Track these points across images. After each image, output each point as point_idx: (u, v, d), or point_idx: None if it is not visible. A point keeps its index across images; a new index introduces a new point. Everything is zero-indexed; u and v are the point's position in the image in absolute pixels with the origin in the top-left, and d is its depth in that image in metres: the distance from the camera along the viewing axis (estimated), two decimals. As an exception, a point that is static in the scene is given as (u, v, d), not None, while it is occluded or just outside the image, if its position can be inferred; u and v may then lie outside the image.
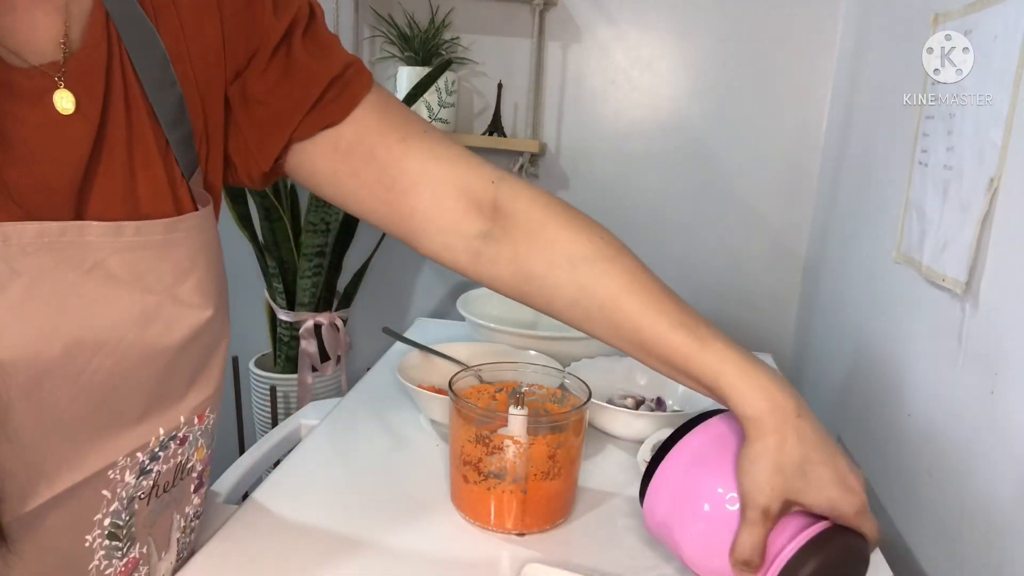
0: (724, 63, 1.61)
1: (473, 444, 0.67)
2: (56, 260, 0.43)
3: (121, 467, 0.48)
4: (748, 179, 1.66)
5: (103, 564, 0.50)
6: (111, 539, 0.49)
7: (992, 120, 0.81)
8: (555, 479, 0.68)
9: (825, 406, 1.39)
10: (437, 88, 1.58)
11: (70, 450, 0.45)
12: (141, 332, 0.47)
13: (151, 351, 0.48)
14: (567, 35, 1.65)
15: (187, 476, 0.56)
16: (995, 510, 0.75)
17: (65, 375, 0.44)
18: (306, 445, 0.88)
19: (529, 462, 0.66)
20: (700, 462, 0.59)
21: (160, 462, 0.51)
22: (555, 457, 0.68)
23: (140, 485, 0.50)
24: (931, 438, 0.91)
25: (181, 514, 0.58)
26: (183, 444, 0.53)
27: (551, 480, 0.68)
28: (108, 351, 0.46)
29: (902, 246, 1.04)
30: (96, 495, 0.47)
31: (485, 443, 0.67)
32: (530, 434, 0.66)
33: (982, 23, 0.86)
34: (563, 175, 1.71)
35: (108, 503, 0.48)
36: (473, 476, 0.68)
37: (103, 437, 0.47)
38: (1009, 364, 0.75)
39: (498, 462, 0.67)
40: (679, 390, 1.02)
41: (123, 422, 0.48)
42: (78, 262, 0.44)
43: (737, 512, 0.55)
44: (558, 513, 0.71)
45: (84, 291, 0.45)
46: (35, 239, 0.43)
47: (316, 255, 1.58)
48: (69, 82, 0.45)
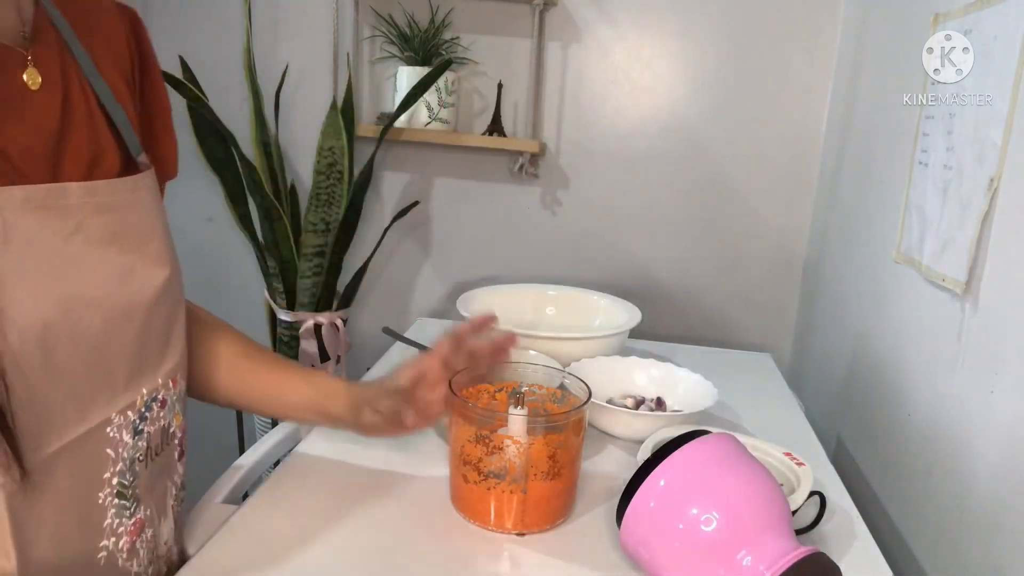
0: (724, 63, 1.61)
1: (473, 444, 0.67)
2: (41, 224, 0.48)
3: (117, 425, 0.54)
4: (748, 179, 1.65)
5: (115, 522, 0.55)
6: (119, 498, 0.55)
7: (992, 120, 0.81)
8: (555, 479, 0.68)
9: (825, 406, 1.39)
10: (437, 88, 1.58)
11: (72, 403, 0.50)
12: (122, 290, 0.54)
13: (131, 308, 0.55)
14: (567, 35, 1.65)
15: (171, 442, 0.62)
16: (995, 510, 0.75)
17: (63, 330, 0.49)
18: (306, 445, 0.88)
19: (529, 462, 0.66)
20: (675, 485, 0.59)
21: (148, 423, 0.58)
22: (555, 457, 0.68)
23: (137, 446, 0.56)
24: (931, 438, 0.91)
25: (171, 482, 0.63)
26: (163, 407, 0.60)
27: (551, 480, 0.68)
28: (95, 308, 0.51)
29: (902, 246, 1.04)
30: (101, 452, 0.53)
31: (485, 443, 0.67)
32: (530, 434, 0.66)
33: (982, 23, 0.86)
34: (563, 175, 1.71)
35: (114, 463, 0.54)
36: (473, 476, 0.68)
37: (99, 392, 0.53)
38: (1009, 364, 0.75)
39: (498, 462, 0.67)
40: (679, 390, 1.02)
41: (113, 379, 0.54)
42: (60, 226, 0.50)
43: (711, 532, 0.56)
44: (558, 513, 0.71)
45: (69, 253, 0.50)
46: (23, 203, 0.47)
47: (316, 255, 1.58)
48: (35, 62, 0.52)
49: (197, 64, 1.56)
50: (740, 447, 0.64)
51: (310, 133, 1.65)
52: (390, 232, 1.68)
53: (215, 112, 1.45)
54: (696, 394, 0.99)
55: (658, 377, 1.06)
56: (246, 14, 1.49)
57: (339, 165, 1.55)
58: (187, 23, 1.73)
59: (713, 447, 0.62)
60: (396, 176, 1.77)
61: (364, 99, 1.73)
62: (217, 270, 1.85)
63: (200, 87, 1.49)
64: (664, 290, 1.70)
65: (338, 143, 1.53)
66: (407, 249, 1.81)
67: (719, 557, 0.56)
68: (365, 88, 1.73)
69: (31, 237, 0.47)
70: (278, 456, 0.93)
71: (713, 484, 0.58)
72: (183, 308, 0.63)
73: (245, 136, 1.55)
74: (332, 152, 1.54)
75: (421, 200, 1.75)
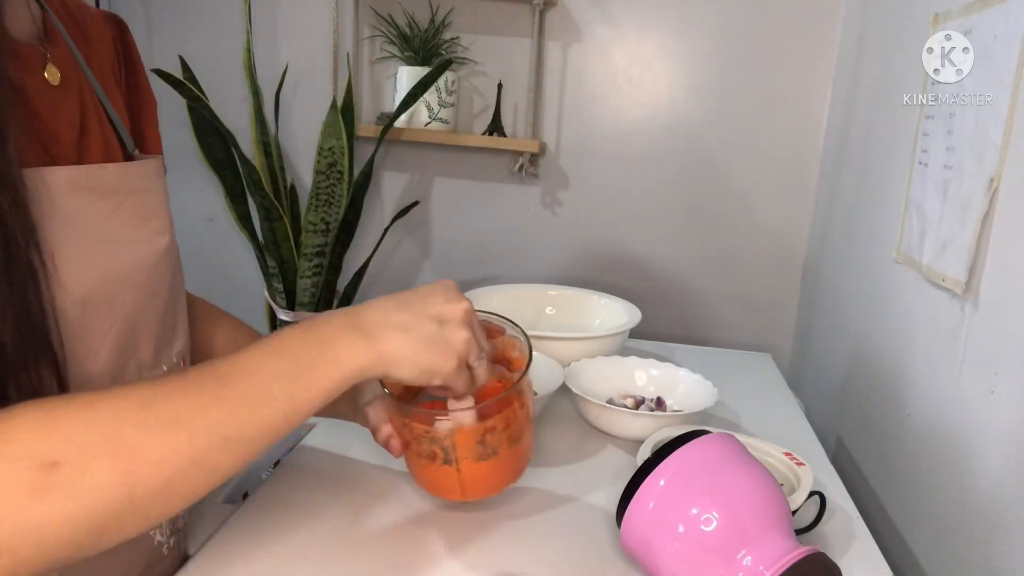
0: (724, 63, 1.61)
1: (403, 428, 0.66)
2: (84, 203, 0.51)
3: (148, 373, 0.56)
4: (748, 179, 1.66)
5: None
6: None
7: (992, 120, 0.81)
8: (489, 459, 0.65)
9: (825, 406, 1.39)
10: (437, 88, 1.58)
11: (106, 376, 0.52)
12: (153, 269, 0.56)
13: (158, 287, 0.57)
14: (567, 35, 1.65)
15: None
16: (995, 510, 0.75)
17: (101, 305, 0.51)
18: (306, 445, 0.88)
19: (455, 447, 0.64)
20: (675, 485, 0.59)
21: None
22: (485, 441, 0.64)
23: None
24: (931, 438, 0.91)
25: None
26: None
27: (485, 461, 0.65)
28: (130, 285, 0.54)
29: (902, 246, 1.04)
30: None
31: (410, 429, 0.65)
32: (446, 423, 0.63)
33: (982, 23, 0.86)
34: (563, 175, 1.71)
35: None
36: (414, 450, 0.67)
37: (129, 365, 0.54)
38: (1009, 364, 0.75)
39: (427, 446, 0.65)
40: (679, 390, 1.02)
41: (141, 354, 0.56)
42: (101, 206, 0.52)
43: (711, 532, 0.56)
44: (502, 483, 0.69)
45: (107, 231, 0.52)
46: (67, 183, 0.49)
47: (316, 255, 1.58)
48: (53, 60, 0.55)
49: (197, 64, 1.56)
50: (740, 447, 0.64)
51: (310, 133, 1.65)
52: (390, 232, 1.68)
53: (215, 112, 1.45)
54: (696, 394, 0.99)
55: (658, 377, 1.05)
56: (246, 14, 1.49)
57: (339, 165, 1.55)
58: (187, 23, 1.73)
59: (713, 447, 0.62)
60: (396, 176, 1.77)
61: (364, 99, 1.73)
62: (217, 270, 1.85)
63: (200, 87, 1.49)
64: (664, 290, 1.70)
65: (338, 143, 1.53)
66: (407, 249, 1.81)
67: (719, 557, 0.56)
68: (365, 88, 1.73)
69: (74, 215, 0.49)
70: (278, 456, 0.93)
71: (713, 484, 0.58)
72: (184, 295, 0.66)
73: (245, 136, 1.55)
74: (332, 152, 1.54)
75: (421, 200, 1.75)
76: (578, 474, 0.85)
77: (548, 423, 0.97)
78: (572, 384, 0.96)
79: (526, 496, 0.79)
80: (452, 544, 0.68)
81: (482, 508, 0.76)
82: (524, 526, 0.72)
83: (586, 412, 0.97)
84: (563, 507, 0.77)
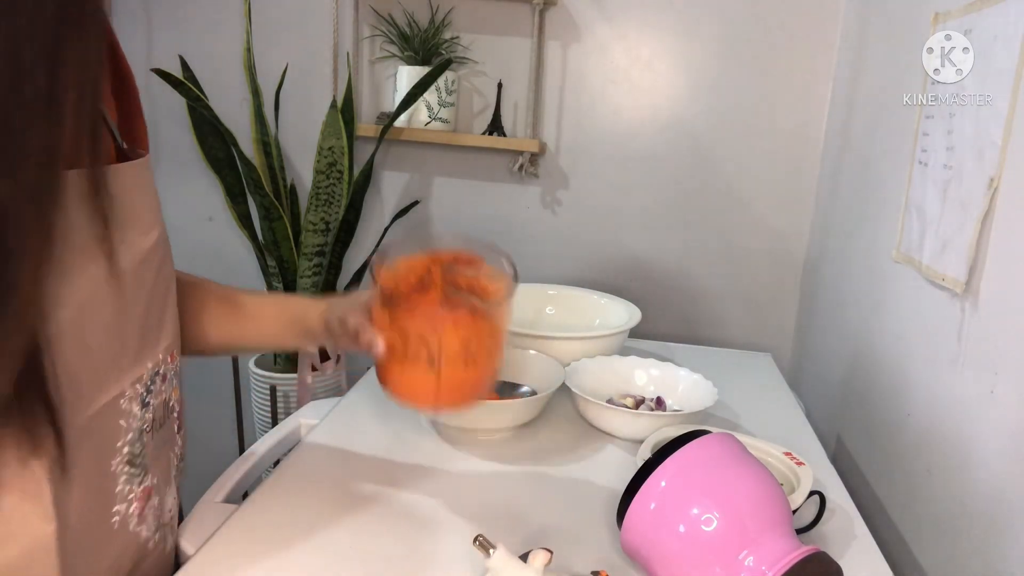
0: (724, 63, 1.61)
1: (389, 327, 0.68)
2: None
3: (128, 397, 0.58)
4: (748, 179, 1.66)
5: (126, 489, 0.58)
6: (130, 465, 0.58)
7: (992, 120, 0.81)
8: (468, 367, 0.68)
9: (825, 406, 1.39)
10: (437, 88, 1.58)
11: (95, 377, 0.54)
12: (140, 267, 0.57)
13: (142, 284, 0.58)
14: (567, 35, 1.65)
15: (171, 415, 0.66)
16: (995, 510, 0.75)
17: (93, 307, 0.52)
18: (306, 445, 0.88)
19: (441, 349, 0.67)
20: (676, 486, 0.59)
21: (153, 395, 0.61)
22: (468, 348, 0.67)
23: (144, 418, 0.60)
24: (931, 438, 0.91)
25: (173, 453, 0.67)
26: (164, 381, 0.63)
27: (463, 368, 0.68)
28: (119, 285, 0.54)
29: (902, 246, 1.04)
30: (115, 423, 0.56)
31: (400, 329, 0.67)
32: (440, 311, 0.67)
33: (982, 23, 0.86)
34: (563, 175, 1.71)
35: (125, 432, 0.58)
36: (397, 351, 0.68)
37: (115, 365, 0.56)
38: (1009, 364, 0.75)
39: (414, 346, 0.67)
40: (679, 390, 1.02)
41: (127, 353, 0.57)
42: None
43: (712, 532, 0.56)
44: (472, 395, 0.72)
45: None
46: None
47: (316, 255, 1.58)
48: None
49: (197, 64, 1.56)
50: (740, 447, 0.64)
51: (310, 133, 1.65)
52: (390, 232, 1.68)
53: (215, 112, 1.45)
54: (696, 394, 0.99)
55: (658, 377, 1.06)
56: (246, 14, 1.49)
57: (339, 165, 1.55)
58: (187, 23, 1.73)
59: (713, 447, 0.62)
60: (396, 176, 1.77)
61: (364, 99, 1.73)
62: (217, 270, 1.85)
63: (200, 87, 1.49)
64: (664, 290, 1.70)
65: (338, 143, 1.53)
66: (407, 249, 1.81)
67: (720, 557, 0.56)
68: (365, 88, 1.73)
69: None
70: (278, 456, 0.93)
71: (714, 484, 0.58)
72: (175, 286, 0.66)
73: (245, 136, 1.55)
74: (332, 151, 1.54)
75: (421, 200, 1.75)
76: (578, 474, 0.85)
77: (548, 423, 0.97)
78: (572, 384, 0.96)
79: (526, 495, 0.79)
80: (452, 543, 0.68)
81: (482, 508, 0.76)
82: (524, 526, 0.72)
83: (586, 412, 0.97)
84: (563, 507, 0.77)
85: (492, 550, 0.58)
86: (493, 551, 0.58)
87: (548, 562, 0.58)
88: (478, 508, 0.75)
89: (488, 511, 0.75)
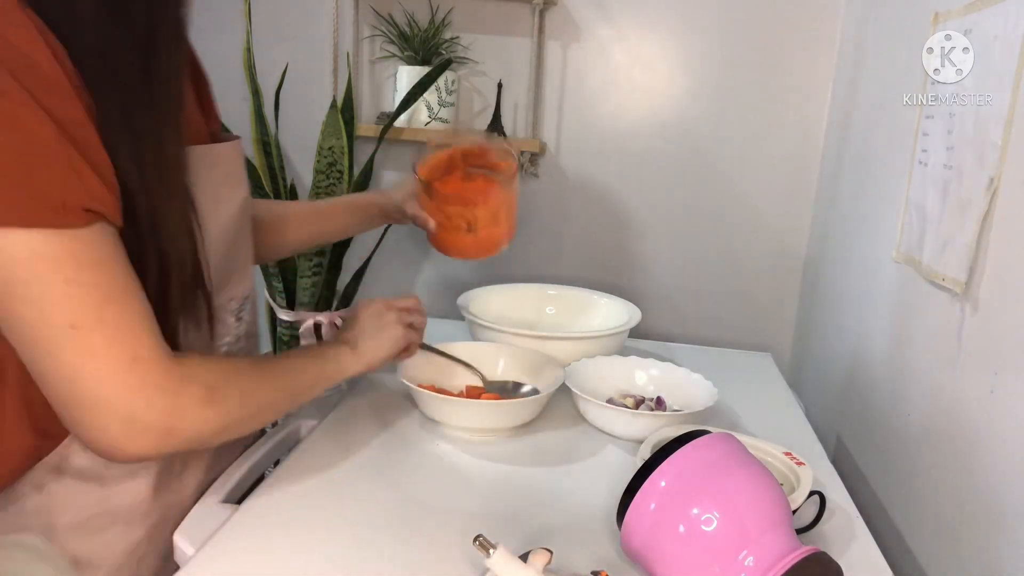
0: (724, 63, 1.61)
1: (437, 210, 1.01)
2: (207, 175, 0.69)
3: (236, 304, 0.79)
4: (748, 179, 1.65)
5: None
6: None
7: (992, 120, 0.81)
8: (499, 225, 1.02)
9: (825, 406, 1.39)
10: (437, 88, 1.58)
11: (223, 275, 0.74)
12: (239, 219, 0.77)
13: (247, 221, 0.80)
14: (567, 35, 1.65)
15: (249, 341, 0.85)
16: (995, 510, 0.75)
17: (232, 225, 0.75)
18: (306, 445, 0.88)
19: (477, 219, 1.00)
20: (676, 486, 0.59)
21: (246, 313, 0.82)
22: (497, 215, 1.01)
23: (238, 331, 0.80)
24: (931, 438, 0.91)
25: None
26: (251, 307, 0.83)
27: (495, 227, 1.02)
28: (245, 212, 0.78)
29: (902, 246, 1.04)
30: (227, 320, 0.78)
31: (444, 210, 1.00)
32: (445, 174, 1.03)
33: (982, 23, 0.86)
34: (563, 175, 1.71)
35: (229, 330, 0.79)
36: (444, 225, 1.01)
37: (232, 275, 0.77)
38: (1009, 364, 0.75)
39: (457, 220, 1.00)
40: (679, 390, 1.02)
41: (239, 268, 0.79)
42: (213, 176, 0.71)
43: (712, 533, 0.56)
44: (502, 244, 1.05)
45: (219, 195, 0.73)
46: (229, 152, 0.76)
47: (316, 255, 1.58)
48: None
49: (197, 64, 1.55)
50: (740, 447, 0.64)
51: (310, 133, 1.64)
52: (390, 232, 1.68)
53: (215, 112, 1.45)
54: (696, 394, 0.99)
55: (658, 377, 1.06)
56: (246, 14, 1.49)
57: (339, 165, 1.55)
58: (187, 23, 1.72)
59: (713, 447, 0.62)
60: (396, 176, 1.77)
61: (364, 99, 1.73)
62: (217, 270, 1.85)
63: (200, 87, 1.48)
64: (664, 290, 1.70)
65: (338, 143, 1.53)
66: (407, 249, 1.81)
67: (721, 557, 0.56)
68: (365, 88, 1.73)
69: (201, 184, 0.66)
70: (278, 456, 0.93)
71: (714, 484, 0.58)
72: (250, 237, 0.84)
73: (245, 136, 1.55)
74: (332, 151, 1.54)
75: (421, 200, 1.75)
76: (578, 474, 0.85)
77: (548, 423, 0.97)
78: (572, 384, 0.96)
79: (526, 495, 0.79)
80: (452, 542, 0.68)
81: (482, 507, 0.76)
82: (525, 526, 0.72)
83: (586, 412, 0.97)
84: (563, 507, 0.77)
85: (492, 550, 0.58)
86: (493, 551, 0.58)
87: (548, 562, 0.58)
88: (478, 508, 0.75)
89: (488, 511, 0.75)
